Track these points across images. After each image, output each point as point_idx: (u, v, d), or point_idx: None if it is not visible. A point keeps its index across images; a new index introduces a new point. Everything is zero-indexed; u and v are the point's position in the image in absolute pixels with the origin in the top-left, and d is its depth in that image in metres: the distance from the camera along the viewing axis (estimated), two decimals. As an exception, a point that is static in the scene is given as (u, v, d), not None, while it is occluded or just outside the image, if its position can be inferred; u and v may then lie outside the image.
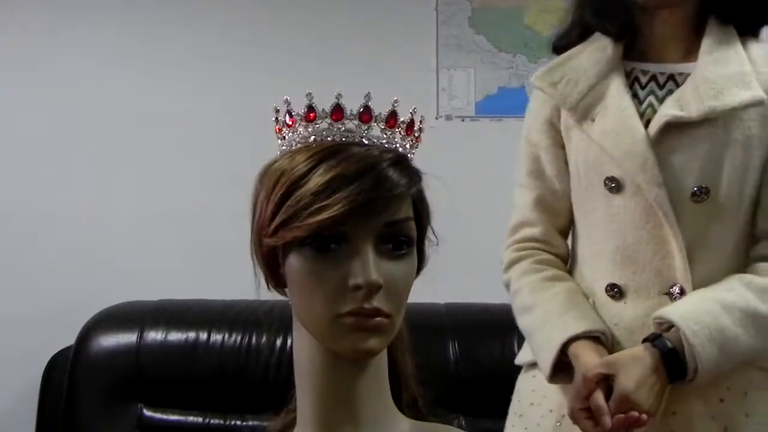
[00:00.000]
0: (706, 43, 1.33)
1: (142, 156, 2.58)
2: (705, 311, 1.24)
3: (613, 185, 1.33)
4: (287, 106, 0.93)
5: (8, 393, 2.47)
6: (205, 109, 2.59)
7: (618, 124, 1.32)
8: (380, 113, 0.91)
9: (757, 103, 1.28)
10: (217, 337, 2.20)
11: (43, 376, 2.34)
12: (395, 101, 0.92)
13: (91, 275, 2.50)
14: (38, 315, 2.45)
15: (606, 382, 1.24)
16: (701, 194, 1.29)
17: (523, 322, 1.41)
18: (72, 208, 2.55)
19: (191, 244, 2.53)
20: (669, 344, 1.24)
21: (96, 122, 2.58)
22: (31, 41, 2.60)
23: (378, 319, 0.85)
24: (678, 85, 1.34)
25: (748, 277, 1.29)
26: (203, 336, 2.20)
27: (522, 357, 1.47)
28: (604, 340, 1.31)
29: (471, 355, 2.16)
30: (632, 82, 1.37)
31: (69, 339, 2.27)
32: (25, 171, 2.56)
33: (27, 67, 2.59)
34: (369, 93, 0.91)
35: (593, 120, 1.35)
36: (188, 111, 2.59)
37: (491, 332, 1.41)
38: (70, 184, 2.57)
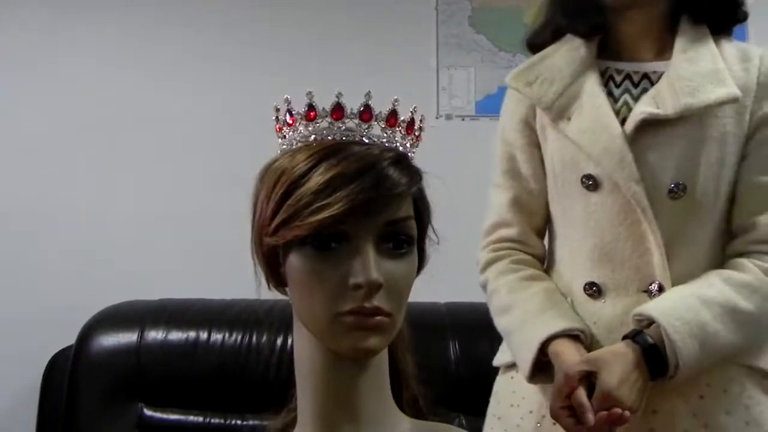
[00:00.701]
0: (679, 42, 1.34)
1: (142, 156, 2.58)
2: (685, 307, 1.24)
3: (590, 183, 1.33)
4: (288, 105, 0.93)
5: (8, 393, 2.47)
6: (205, 109, 2.59)
7: (594, 122, 1.33)
8: (380, 112, 0.91)
9: (733, 100, 1.29)
10: (217, 337, 2.19)
11: (43, 376, 2.34)
12: (395, 100, 0.92)
13: (92, 275, 2.50)
14: (38, 315, 2.45)
15: (587, 379, 1.23)
16: (678, 191, 1.29)
17: (501, 322, 1.41)
18: (72, 208, 2.55)
19: (191, 243, 2.53)
20: (650, 340, 1.23)
21: (96, 122, 2.58)
22: (31, 41, 2.60)
23: (378, 318, 0.85)
24: (652, 84, 1.34)
25: (726, 272, 1.29)
26: (203, 335, 2.20)
27: (500, 358, 1.47)
28: (583, 339, 1.31)
29: (471, 355, 2.16)
30: (607, 81, 1.38)
31: (69, 338, 2.27)
32: (25, 171, 2.56)
33: (27, 67, 2.59)
34: (369, 92, 0.91)
35: (569, 119, 1.36)
36: (188, 111, 2.59)
37: (492, 331, 1.41)
38: (70, 184, 2.57)
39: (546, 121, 1.40)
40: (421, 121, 0.94)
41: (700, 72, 1.31)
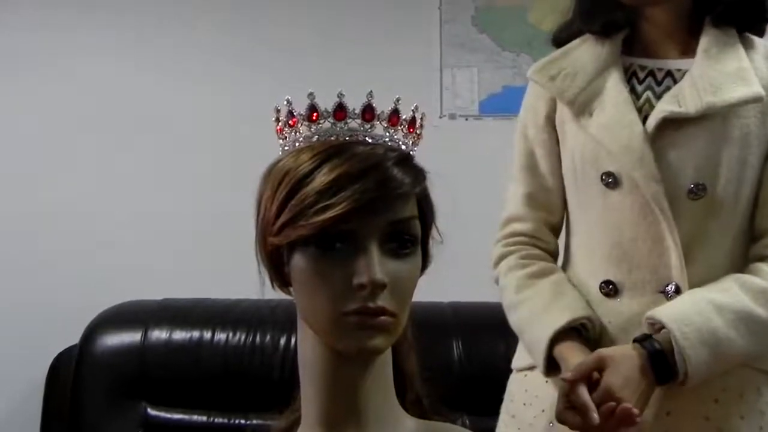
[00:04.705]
0: (704, 40, 1.33)
1: (146, 155, 2.58)
2: (697, 312, 1.23)
3: (610, 180, 1.32)
4: (289, 107, 0.93)
5: (13, 392, 2.47)
6: (208, 108, 2.59)
7: (616, 118, 1.32)
8: (383, 111, 0.91)
9: (756, 100, 1.27)
10: (221, 336, 2.20)
11: (47, 376, 2.35)
12: (397, 99, 0.92)
13: (95, 274, 2.50)
14: (42, 314, 2.45)
15: (590, 379, 1.21)
16: (698, 191, 1.27)
17: (511, 320, 1.41)
18: (74, 207, 2.55)
19: (195, 243, 2.53)
20: (657, 346, 1.22)
21: (97, 121, 2.58)
22: (31, 41, 2.60)
23: (382, 317, 0.85)
24: (676, 82, 1.33)
25: (744, 277, 1.27)
26: (207, 335, 2.20)
27: (516, 362, 1.46)
28: (590, 327, 1.30)
29: (475, 354, 2.16)
30: (630, 78, 1.37)
31: (73, 338, 2.27)
32: (25, 171, 2.56)
33: (27, 67, 2.59)
34: (371, 91, 0.91)
35: (591, 114, 1.34)
36: (191, 110, 2.59)
37: (495, 331, 1.41)
38: (73, 184, 2.56)
39: (566, 116, 1.39)
40: (421, 119, 0.94)
41: (723, 71, 1.29)
